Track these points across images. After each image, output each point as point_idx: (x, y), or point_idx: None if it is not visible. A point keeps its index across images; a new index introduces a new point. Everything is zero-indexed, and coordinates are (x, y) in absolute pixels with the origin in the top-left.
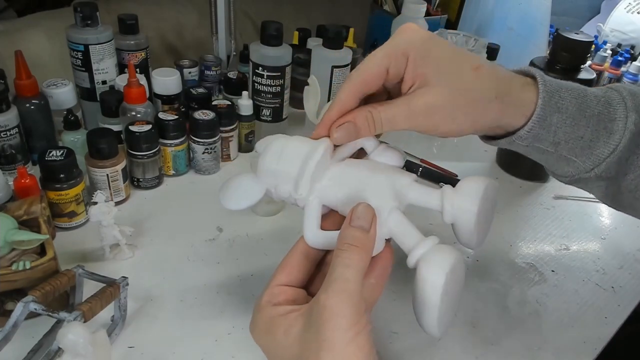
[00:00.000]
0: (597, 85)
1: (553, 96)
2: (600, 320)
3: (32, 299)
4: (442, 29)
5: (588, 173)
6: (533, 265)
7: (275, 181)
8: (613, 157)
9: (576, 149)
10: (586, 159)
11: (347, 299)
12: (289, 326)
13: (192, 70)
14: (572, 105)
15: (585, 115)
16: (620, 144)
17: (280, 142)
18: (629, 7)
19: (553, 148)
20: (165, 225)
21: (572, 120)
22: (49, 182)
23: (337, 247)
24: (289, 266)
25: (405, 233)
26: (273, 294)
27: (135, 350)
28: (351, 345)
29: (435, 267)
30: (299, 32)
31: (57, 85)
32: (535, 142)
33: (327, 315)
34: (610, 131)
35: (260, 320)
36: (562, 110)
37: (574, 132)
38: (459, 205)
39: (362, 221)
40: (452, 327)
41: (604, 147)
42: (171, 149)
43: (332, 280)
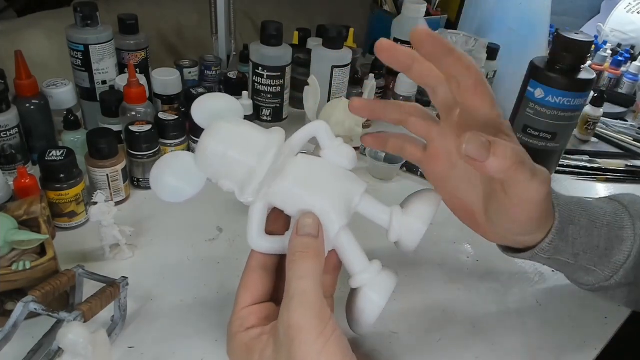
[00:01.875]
0: (597, 85)
1: (565, 210)
2: (600, 320)
3: (32, 299)
4: (442, 29)
5: (608, 281)
6: (533, 265)
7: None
8: (629, 263)
9: (595, 258)
10: (605, 267)
11: (308, 312)
12: (262, 350)
13: (192, 70)
14: (584, 218)
15: (597, 225)
16: (633, 249)
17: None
18: (629, 7)
19: (573, 259)
20: (165, 225)
21: (585, 230)
22: (49, 182)
23: (288, 260)
24: (252, 285)
25: (352, 255)
26: (243, 318)
27: (135, 350)
28: (322, 356)
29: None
30: (299, 32)
31: (57, 85)
32: (556, 255)
33: (292, 333)
34: (621, 239)
35: (235, 347)
36: (576, 222)
37: (590, 243)
38: (409, 226)
39: (308, 229)
40: (452, 327)
41: (619, 254)
42: (171, 149)
43: (290, 296)
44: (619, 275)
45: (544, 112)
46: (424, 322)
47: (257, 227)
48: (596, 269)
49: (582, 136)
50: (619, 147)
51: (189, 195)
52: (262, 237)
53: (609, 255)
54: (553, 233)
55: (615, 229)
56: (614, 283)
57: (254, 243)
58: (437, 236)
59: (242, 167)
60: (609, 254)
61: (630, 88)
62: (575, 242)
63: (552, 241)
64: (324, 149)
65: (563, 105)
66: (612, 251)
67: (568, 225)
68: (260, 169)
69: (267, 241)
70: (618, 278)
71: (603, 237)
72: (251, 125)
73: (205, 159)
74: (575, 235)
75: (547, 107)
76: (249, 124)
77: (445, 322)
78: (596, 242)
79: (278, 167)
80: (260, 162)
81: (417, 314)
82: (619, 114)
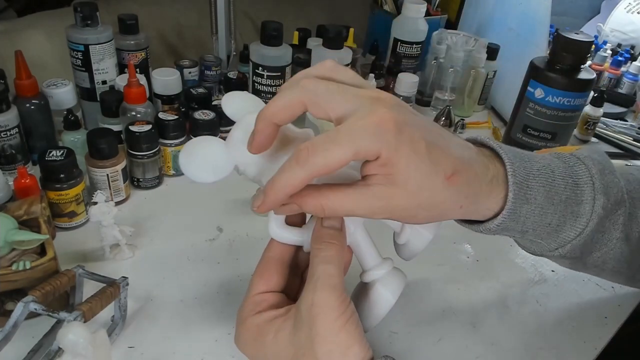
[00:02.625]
0: (597, 85)
1: (522, 188)
2: (600, 320)
3: (32, 299)
4: (442, 29)
5: (552, 252)
6: (533, 265)
7: (248, 160)
8: (579, 239)
9: (543, 234)
10: (552, 241)
11: (333, 293)
12: (277, 331)
13: (192, 70)
14: (540, 195)
15: (554, 202)
16: (587, 228)
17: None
18: (629, 7)
19: (520, 235)
20: (165, 225)
21: (540, 209)
22: (49, 182)
23: (314, 247)
24: (267, 274)
25: (366, 251)
26: (256, 303)
27: (135, 350)
28: (342, 333)
29: (391, 290)
30: (299, 32)
31: (57, 85)
32: (503, 232)
33: (315, 310)
34: (577, 215)
35: (246, 330)
36: (531, 201)
37: (541, 221)
38: (418, 231)
39: (332, 221)
40: (452, 327)
41: (570, 230)
42: (171, 149)
43: (316, 278)
44: (565, 249)
45: (544, 112)
46: (424, 322)
47: (278, 216)
48: (542, 242)
49: (582, 136)
50: (619, 147)
51: (214, 179)
52: (281, 227)
53: (559, 231)
54: (504, 215)
55: (572, 205)
56: (557, 254)
57: (273, 232)
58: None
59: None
60: (560, 229)
61: (630, 88)
62: (527, 221)
63: (501, 223)
64: None
65: (563, 105)
66: (564, 227)
67: (522, 205)
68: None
69: (286, 231)
70: (563, 251)
71: (558, 214)
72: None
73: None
74: (528, 214)
75: (547, 107)
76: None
77: (445, 322)
78: (548, 220)
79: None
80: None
81: (417, 314)
82: (619, 114)
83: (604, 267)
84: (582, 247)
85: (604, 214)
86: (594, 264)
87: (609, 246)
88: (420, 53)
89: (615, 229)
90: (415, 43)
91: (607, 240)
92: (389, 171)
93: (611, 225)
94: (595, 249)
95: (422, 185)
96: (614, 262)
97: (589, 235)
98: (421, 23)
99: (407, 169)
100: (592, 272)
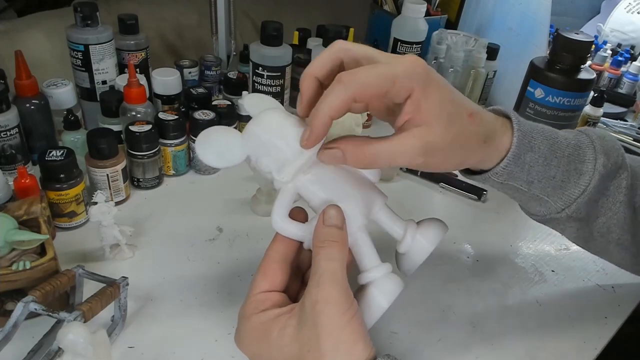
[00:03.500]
0: (597, 85)
1: (526, 136)
2: (600, 320)
3: (32, 299)
4: (442, 29)
5: (559, 213)
6: (533, 265)
7: (261, 152)
8: (583, 197)
9: (548, 188)
10: (557, 198)
11: (338, 289)
12: (282, 328)
13: (192, 70)
14: (544, 146)
15: (557, 155)
16: (590, 185)
17: (277, 114)
18: (629, 7)
19: (526, 187)
20: (165, 225)
21: (544, 159)
22: (49, 182)
23: (316, 245)
24: (270, 273)
25: (365, 252)
26: (259, 301)
27: (135, 350)
28: (347, 329)
29: (386, 294)
30: (299, 32)
31: (57, 85)
32: (510, 180)
33: (320, 306)
34: (580, 172)
35: (249, 328)
36: (535, 150)
37: (546, 172)
38: (419, 241)
39: (334, 220)
40: (452, 327)
41: (574, 187)
42: (171, 149)
43: (319, 274)
44: (571, 209)
45: (544, 112)
46: (424, 322)
47: (283, 208)
48: (549, 200)
49: None
50: None
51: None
52: (285, 220)
53: (563, 187)
54: (509, 158)
55: (575, 162)
56: (564, 216)
57: (276, 223)
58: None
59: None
60: (564, 185)
61: (630, 88)
62: (531, 170)
63: (506, 166)
64: None
65: (563, 105)
66: (568, 183)
67: (526, 152)
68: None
69: (289, 224)
70: (570, 211)
71: (561, 168)
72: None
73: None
74: (532, 162)
75: (547, 107)
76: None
77: (445, 322)
78: (553, 173)
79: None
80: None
81: (417, 314)
82: (619, 114)
83: (610, 237)
84: (588, 208)
85: (605, 172)
86: (600, 232)
87: (613, 210)
88: (420, 53)
89: (619, 192)
90: (415, 43)
91: (612, 204)
92: (421, 108)
93: (615, 189)
94: (600, 213)
95: (451, 121)
96: (619, 231)
97: (593, 195)
98: (421, 23)
99: (438, 106)
100: (598, 244)
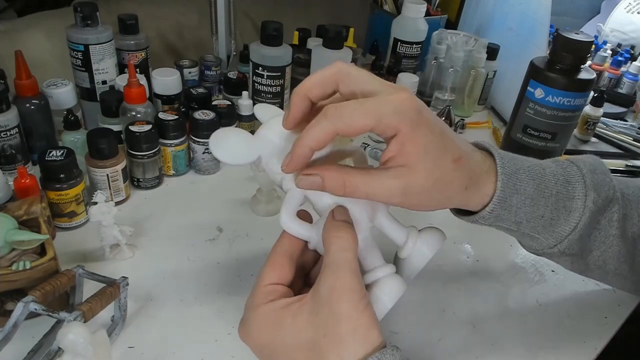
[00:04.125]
0: (597, 85)
1: (511, 178)
2: (600, 320)
3: (32, 299)
4: (442, 29)
5: (552, 249)
6: (533, 265)
7: (272, 154)
8: (574, 234)
9: (538, 227)
10: (548, 236)
11: (355, 277)
12: (295, 314)
13: (192, 70)
14: (530, 187)
15: (544, 195)
16: (580, 222)
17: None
18: (629, 7)
19: (515, 227)
20: (165, 225)
21: (530, 200)
22: (49, 182)
23: (329, 235)
24: (278, 267)
25: (370, 252)
26: (268, 292)
27: (135, 350)
28: (365, 314)
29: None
30: (299, 32)
31: (57, 85)
32: (498, 222)
33: (338, 292)
34: (569, 209)
35: (259, 317)
36: (521, 192)
37: (534, 212)
38: (420, 248)
39: (344, 216)
40: (452, 327)
41: (565, 225)
42: (171, 149)
43: (336, 264)
44: (563, 245)
45: (544, 112)
46: (424, 322)
47: (291, 208)
48: (540, 237)
49: (582, 136)
50: (619, 147)
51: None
52: (292, 219)
53: (553, 224)
54: (494, 203)
55: (564, 199)
56: (557, 251)
57: (284, 222)
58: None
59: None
60: (554, 223)
61: (630, 88)
62: (519, 211)
63: (492, 210)
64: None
65: (563, 105)
66: (558, 221)
67: (512, 194)
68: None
69: (297, 224)
70: (562, 247)
71: (550, 206)
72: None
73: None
74: (519, 204)
75: (547, 107)
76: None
77: (445, 322)
78: (541, 212)
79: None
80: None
81: (417, 314)
82: (619, 114)
83: (607, 269)
84: (580, 244)
85: (595, 209)
86: (596, 264)
87: (606, 244)
88: (420, 53)
89: (611, 225)
90: (415, 43)
91: (604, 238)
92: (405, 149)
93: (607, 223)
94: (594, 247)
95: (434, 166)
96: (615, 263)
97: (584, 231)
98: (421, 23)
99: (422, 149)
100: (596, 275)
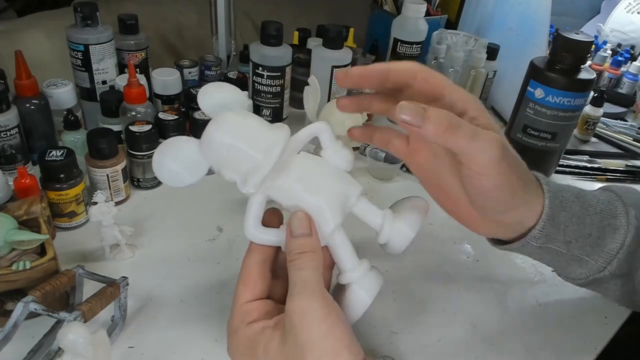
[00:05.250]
0: (597, 85)
1: (557, 196)
2: (600, 320)
3: (32, 299)
4: (442, 29)
5: (602, 272)
6: (533, 265)
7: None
8: (622, 252)
9: (587, 247)
10: (598, 257)
11: (311, 297)
12: (267, 343)
13: (192, 70)
14: (575, 205)
15: (589, 213)
16: (627, 238)
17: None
18: (629, 7)
19: (565, 248)
20: (165, 225)
21: (577, 218)
22: (49, 182)
23: (288, 259)
24: (250, 281)
25: (343, 253)
26: (244, 313)
27: (135, 350)
28: (328, 337)
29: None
30: (299, 32)
31: (57, 85)
32: (548, 243)
33: (297, 317)
34: (614, 227)
35: (237, 342)
36: (567, 209)
37: (581, 231)
38: (399, 231)
39: (301, 229)
40: (452, 327)
41: (612, 243)
42: None
43: (292, 285)
44: (613, 266)
45: (544, 112)
46: (424, 322)
47: (254, 217)
48: (589, 259)
49: (582, 136)
50: (619, 147)
51: (189, 182)
52: (258, 228)
53: (601, 244)
54: (544, 219)
55: (608, 217)
56: (607, 274)
57: (249, 233)
58: (437, 236)
59: (247, 160)
60: (602, 242)
61: (630, 88)
62: (567, 230)
63: (543, 228)
64: (325, 149)
65: (563, 105)
66: (605, 240)
67: (559, 212)
68: (266, 163)
69: (263, 232)
70: (612, 269)
71: (595, 224)
72: (257, 118)
73: (210, 148)
74: (567, 222)
75: (547, 107)
76: (255, 117)
77: (445, 322)
78: (588, 230)
79: (281, 163)
80: (266, 157)
81: (417, 314)
82: (619, 114)
83: None
84: (628, 262)
85: (638, 224)
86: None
87: None
88: (420, 53)
89: None
90: (415, 43)
91: None
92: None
93: None
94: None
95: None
96: None
97: (631, 247)
98: (421, 23)
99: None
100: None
